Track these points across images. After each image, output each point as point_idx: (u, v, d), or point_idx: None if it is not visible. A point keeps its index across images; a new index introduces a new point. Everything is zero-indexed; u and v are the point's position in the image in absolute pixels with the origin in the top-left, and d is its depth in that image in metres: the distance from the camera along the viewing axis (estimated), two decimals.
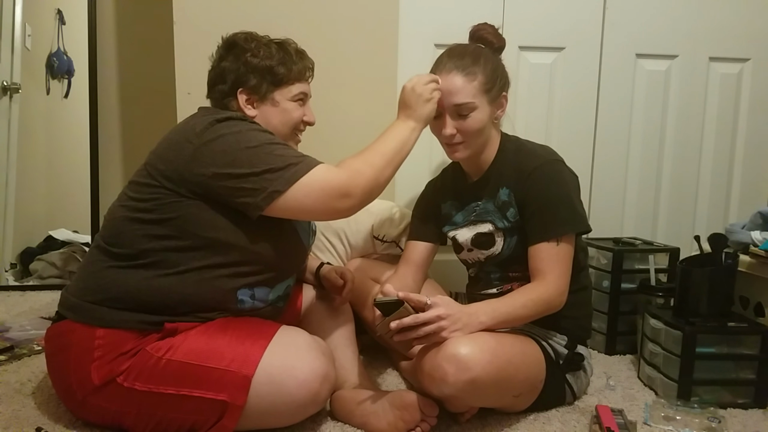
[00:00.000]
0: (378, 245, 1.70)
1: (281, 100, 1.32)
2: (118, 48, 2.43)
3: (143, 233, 1.18)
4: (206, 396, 1.11)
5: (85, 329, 1.16)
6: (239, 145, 1.16)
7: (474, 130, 1.33)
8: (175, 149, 1.19)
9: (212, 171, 1.15)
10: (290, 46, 1.35)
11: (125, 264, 1.18)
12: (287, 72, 1.31)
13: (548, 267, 1.28)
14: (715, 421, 1.27)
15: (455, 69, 1.32)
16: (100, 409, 1.16)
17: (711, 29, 2.04)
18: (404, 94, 1.31)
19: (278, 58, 1.31)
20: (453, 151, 1.37)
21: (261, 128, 1.22)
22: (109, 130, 2.44)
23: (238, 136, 1.17)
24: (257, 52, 1.29)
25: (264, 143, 1.17)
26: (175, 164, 1.17)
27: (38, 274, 2.37)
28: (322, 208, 1.19)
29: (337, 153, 1.32)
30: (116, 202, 1.25)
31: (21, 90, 2.38)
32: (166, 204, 1.18)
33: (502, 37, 1.41)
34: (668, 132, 2.09)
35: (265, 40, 1.33)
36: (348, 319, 1.50)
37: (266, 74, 1.30)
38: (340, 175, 1.19)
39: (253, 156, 1.15)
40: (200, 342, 1.15)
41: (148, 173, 1.20)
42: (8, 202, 2.38)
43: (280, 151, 1.18)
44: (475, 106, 1.32)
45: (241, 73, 1.29)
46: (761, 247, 1.50)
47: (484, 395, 1.21)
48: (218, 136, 1.17)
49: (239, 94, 1.30)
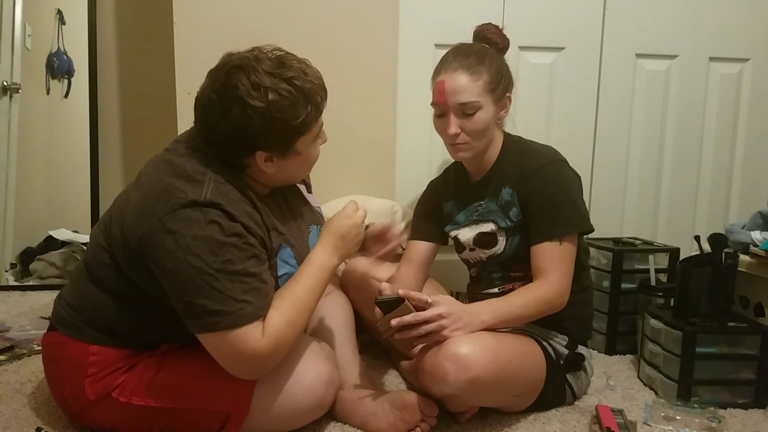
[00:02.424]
0: None
1: (304, 148, 1.14)
2: (118, 48, 2.42)
3: (116, 272, 1.11)
4: (207, 408, 1.10)
5: (78, 344, 1.13)
6: (185, 256, 1.01)
7: (478, 130, 1.33)
8: (137, 217, 1.06)
9: (153, 262, 1.04)
10: (302, 80, 1.08)
11: (107, 294, 1.13)
12: (307, 117, 1.09)
13: (551, 267, 1.28)
14: (715, 421, 1.27)
15: (460, 68, 1.32)
16: (98, 420, 1.15)
17: (711, 29, 2.04)
18: (342, 227, 1.21)
19: (298, 107, 1.07)
20: (457, 151, 1.37)
21: (223, 235, 1.03)
22: (109, 130, 2.44)
23: (191, 244, 1.01)
24: (273, 109, 1.05)
25: (211, 267, 1.01)
26: (131, 235, 1.06)
27: (38, 274, 2.37)
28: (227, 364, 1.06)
29: (337, 153, 1.31)
30: (101, 224, 1.18)
31: (21, 90, 2.37)
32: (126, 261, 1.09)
33: (506, 38, 1.41)
34: (668, 132, 2.09)
35: (273, 81, 1.05)
36: (348, 319, 1.50)
37: (287, 132, 1.09)
38: (262, 345, 1.04)
39: (190, 279, 1.01)
40: (198, 354, 1.12)
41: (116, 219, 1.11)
42: (8, 202, 2.38)
43: (222, 285, 1.01)
44: (480, 105, 1.32)
45: (257, 137, 1.07)
46: (761, 247, 1.50)
47: (484, 395, 1.21)
48: (172, 232, 1.02)
49: (257, 156, 1.10)
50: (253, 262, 1.06)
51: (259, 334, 1.04)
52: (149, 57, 2.39)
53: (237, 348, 1.03)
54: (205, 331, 1.03)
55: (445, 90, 1.32)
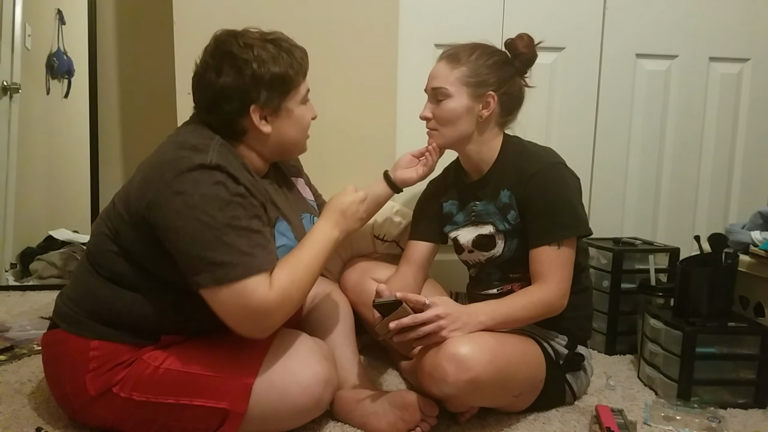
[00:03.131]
0: (378, 245, 1.70)
1: (294, 107, 1.22)
2: (118, 48, 2.42)
3: (120, 257, 1.14)
4: (207, 404, 1.10)
5: (79, 340, 1.14)
6: (193, 213, 1.05)
7: (445, 118, 1.36)
8: (143, 187, 1.11)
9: (162, 225, 1.08)
10: (285, 42, 1.23)
11: (109, 283, 1.15)
12: (294, 75, 1.20)
13: (549, 271, 1.28)
14: (715, 421, 1.27)
15: (445, 57, 1.38)
16: (98, 417, 1.16)
17: (711, 29, 2.04)
18: (342, 203, 1.26)
19: (282, 61, 1.18)
20: (429, 136, 1.43)
21: (231, 193, 1.09)
22: (109, 130, 2.44)
23: (198, 201, 1.06)
24: (262, 60, 1.15)
25: (219, 222, 1.06)
26: (137, 206, 1.10)
27: (38, 274, 2.37)
28: (238, 322, 1.08)
29: (337, 152, 1.32)
30: (103, 214, 1.20)
31: (21, 90, 2.37)
32: (131, 239, 1.13)
33: (533, 48, 1.40)
34: (668, 132, 2.09)
35: (259, 41, 1.18)
36: (348, 320, 1.50)
37: (277, 84, 1.18)
38: (270, 297, 1.07)
39: (199, 233, 1.05)
40: (198, 350, 1.14)
41: (120, 200, 1.15)
42: (8, 202, 2.38)
43: (229, 239, 1.06)
44: (449, 93, 1.34)
45: (249, 89, 1.16)
46: (761, 247, 1.50)
47: (484, 395, 1.21)
48: (179, 192, 1.06)
49: (252, 112, 1.17)
50: (257, 221, 1.12)
51: (267, 286, 1.07)
52: (149, 57, 2.39)
53: (245, 300, 1.05)
54: (215, 284, 1.05)
55: (429, 76, 1.39)
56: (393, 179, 1.49)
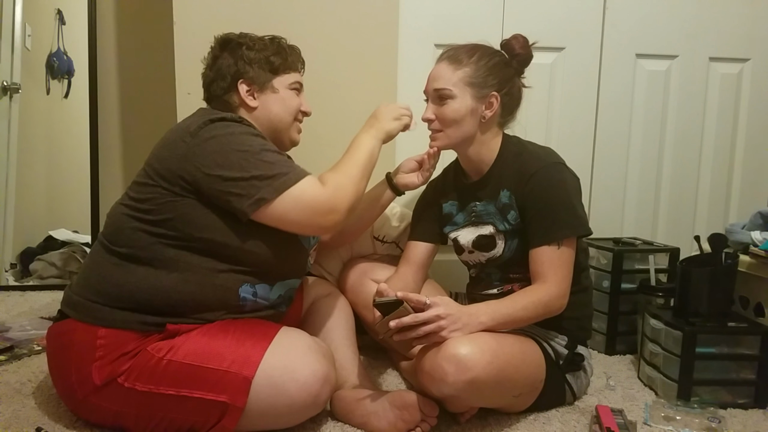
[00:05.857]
0: (378, 246, 1.70)
1: (280, 87, 1.35)
2: (118, 48, 2.42)
3: (142, 232, 1.19)
4: (206, 397, 1.11)
5: (87, 328, 1.16)
6: (231, 147, 1.17)
7: (449, 119, 1.35)
8: (169, 148, 1.21)
9: (203, 171, 1.16)
10: (282, 40, 1.39)
11: (126, 262, 1.19)
12: (283, 61, 1.35)
13: (549, 271, 1.28)
14: (715, 421, 1.27)
15: (447, 59, 1.37)
16: (101, 409, 1.16)
17: (711, 29, 2.04)
18: (377, 110, 1.39)
19: (273, 48, 1.35)
20: (432, 139, 1.41)
21: (254, 131, 1.24)
22: (109, 130, 2.44)
23: (231, 138, 1.18)
24: (252, 45, 1.33)
25: (255, 148, 1.18)
26: (169, 163, 1.19)
27: (38, 274, 2.37)
28: (307, 222, 1.20)
29: (337, 153, 1.32)
30: (118, 201, 1.26)
31: (21, 90, 2.38)
32: (162, 204, 1.18)
33: (529, 48, 1.40)
34: (668, 132, 2.09)
35: (256, 36, 1.37)
36: (348, 319, 1.50)
37: (264, 64, 1.33)
38: (326, 191, 1.20)
39: (243, 160, 1.16)
40: (201, 343, 1.15)
41: (146, 173, 1.22)
42: (8, 202, 2.38)
43: (271, 158, 1.18)
44: (453, 94, 1.33)
45: (239, 66, 1.32)
46: (761, 247, 1.50)
47: (484, 395, 1.21)
48: (211, 137, 1.18)
49: (240, 84, 1.32)
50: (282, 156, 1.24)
51: (319, 184, 1.21)
52: (149, 57, 2.39)
53: (305, 199, 1.18)
54: (276, 194, 1.16)
55: (429, 77, 1.37)
56: (395, 183, 1.50)
